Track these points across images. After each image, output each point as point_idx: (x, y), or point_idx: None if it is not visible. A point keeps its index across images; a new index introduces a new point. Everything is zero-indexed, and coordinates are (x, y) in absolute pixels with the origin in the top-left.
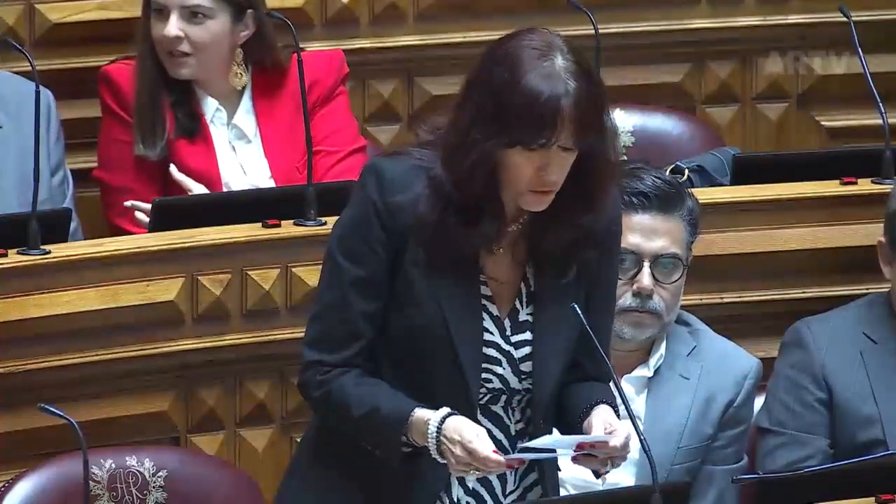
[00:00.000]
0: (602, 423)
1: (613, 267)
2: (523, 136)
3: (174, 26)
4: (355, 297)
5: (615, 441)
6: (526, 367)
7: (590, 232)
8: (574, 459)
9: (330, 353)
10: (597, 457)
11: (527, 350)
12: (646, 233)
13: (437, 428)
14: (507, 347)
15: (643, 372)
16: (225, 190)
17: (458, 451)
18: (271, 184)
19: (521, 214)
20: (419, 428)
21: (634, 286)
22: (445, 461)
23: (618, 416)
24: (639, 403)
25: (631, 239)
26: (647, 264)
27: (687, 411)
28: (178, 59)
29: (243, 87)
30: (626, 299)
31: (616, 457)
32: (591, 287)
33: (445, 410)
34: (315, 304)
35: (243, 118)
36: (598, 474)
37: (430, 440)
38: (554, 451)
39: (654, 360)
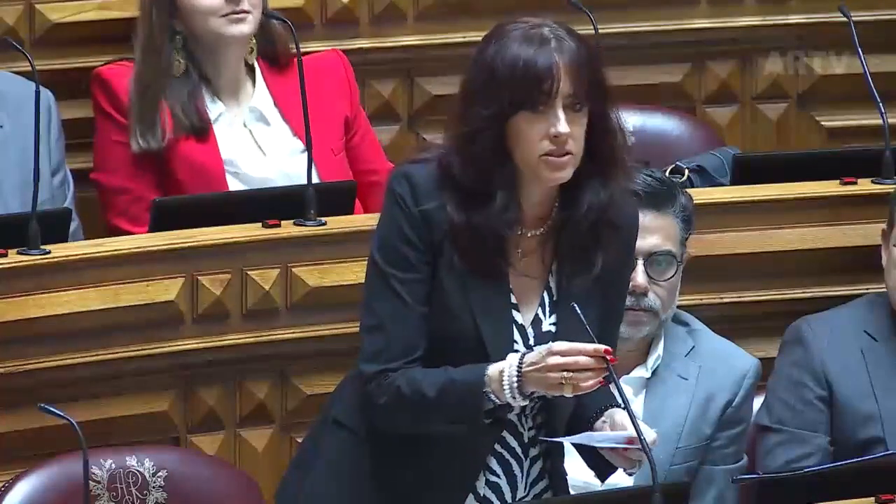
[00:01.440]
0: (629, 423)
1: (629, 266)
2: (523, 96)
3: None
4: (413, 302)
5: (651, 435)
6: None
7: (608, 207)
8: (605, 453)
9: (394, 360)
10: (629, 456)
11: None
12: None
13: (519, 362)
14: None
15: (641, 373)
16: (237, 177)
17: (550, 359)
18: (302, 158)
19: (542, 220)
20: (496, 379)
21: (629, 284)
22: (528, 395)
23: None
24: (637, 404)
25: None
26: (640, 262)
27: (685, 411)
28: (240, 17)
29: (252, 70)
30: None
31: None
32: (606, 287)
33: (521, 352)
34: (367, 318)
35: (261, 100)
36: (604, 476)
37: (506, 378)
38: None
39: (651, 361)
